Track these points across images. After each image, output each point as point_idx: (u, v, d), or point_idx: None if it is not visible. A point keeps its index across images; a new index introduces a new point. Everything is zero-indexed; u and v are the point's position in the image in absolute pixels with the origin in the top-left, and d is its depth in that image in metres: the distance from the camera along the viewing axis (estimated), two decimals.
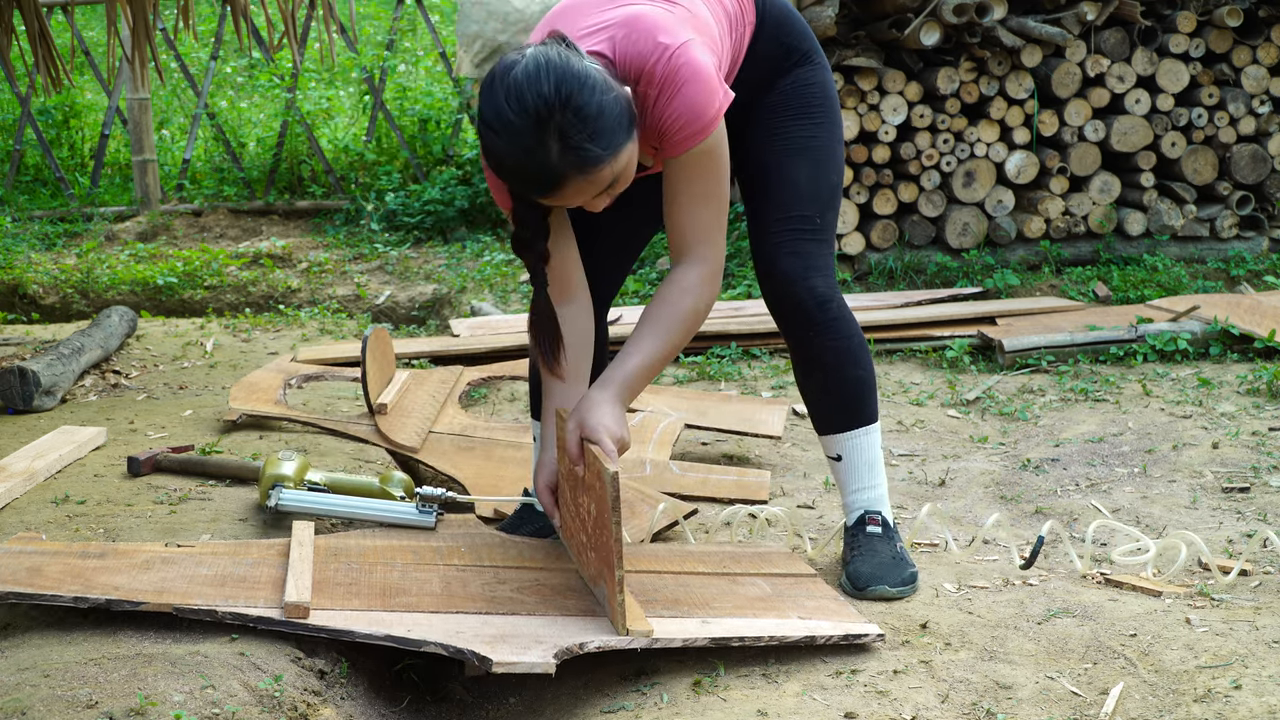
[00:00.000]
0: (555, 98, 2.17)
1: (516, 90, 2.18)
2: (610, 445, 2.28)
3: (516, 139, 2.19)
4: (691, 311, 2.41)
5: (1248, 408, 3.95)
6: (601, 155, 2.21)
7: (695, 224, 2.40)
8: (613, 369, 2.40)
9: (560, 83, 2.18)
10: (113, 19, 4.67)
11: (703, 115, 2.31)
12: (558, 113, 2.17)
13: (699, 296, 2.41)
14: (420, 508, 2.78)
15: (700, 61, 2.30)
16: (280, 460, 2.88)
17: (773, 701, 2.08)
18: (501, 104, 2.19)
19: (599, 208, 2.34)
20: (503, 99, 2.19)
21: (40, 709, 1.91)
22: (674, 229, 2.43)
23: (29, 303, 6.40)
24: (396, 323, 6.16)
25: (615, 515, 2.15)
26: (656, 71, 2.29)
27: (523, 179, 2.24)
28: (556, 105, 2.17)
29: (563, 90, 2.17)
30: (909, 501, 3.28)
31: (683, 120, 2.31)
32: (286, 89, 7.83)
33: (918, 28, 5.38)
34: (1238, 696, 2.05)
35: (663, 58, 2.29)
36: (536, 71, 2.18)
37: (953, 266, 5.66)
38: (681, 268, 2.42)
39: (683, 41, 2.31)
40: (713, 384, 4.51)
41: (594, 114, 2.19)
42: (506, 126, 2.19)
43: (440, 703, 2.44)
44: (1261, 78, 5.70)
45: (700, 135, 2.32)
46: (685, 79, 2.29)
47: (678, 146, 2.34)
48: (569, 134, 2.18)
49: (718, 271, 2.43)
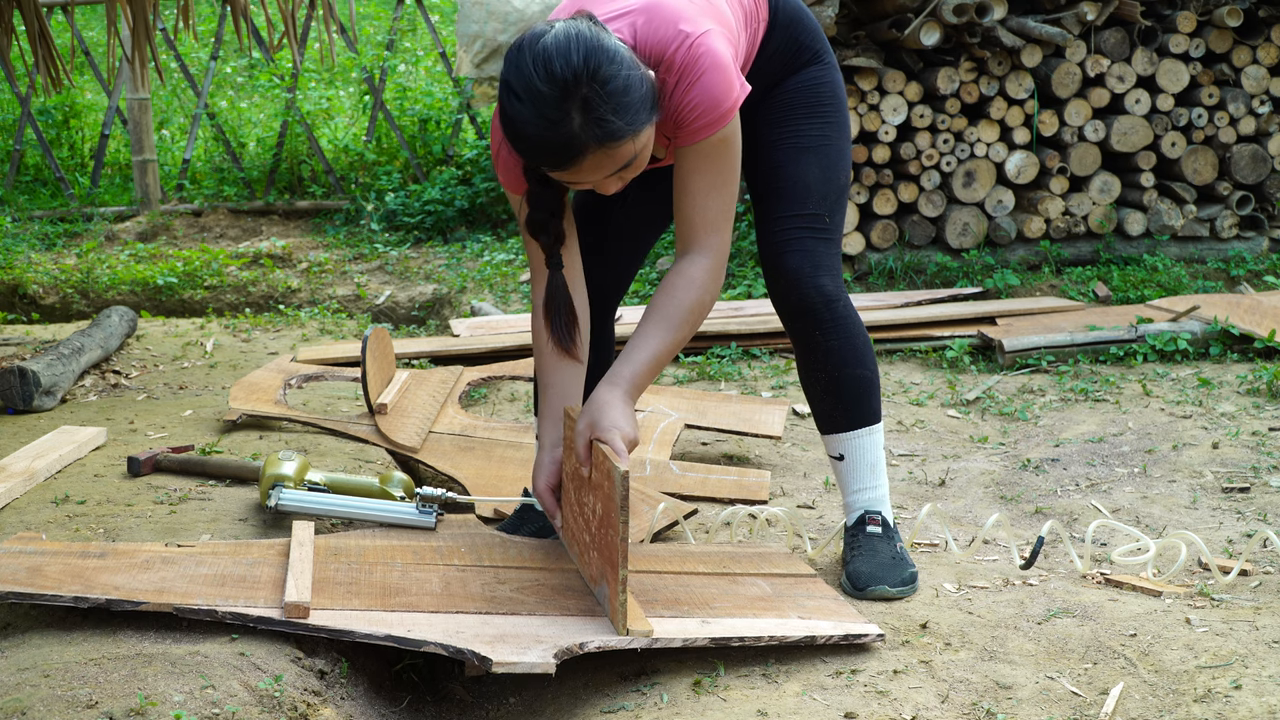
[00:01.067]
0: (584, 68, 2.17)
1: (545, 58, 2.18)
2: (621, 445, 2.28)
3: (541, 107, 2.18)
4: (697, 304, 2.41)
5: (1248, 408, 3.95)
6: (624, 130, 2.20)
7: (704, 214, 2.40)
8: (619, 365, 2.39)
9: (590, 54, 2.18)
10: (113, 19, 4.67)
11: (720, 104, 2.31)
12: (585, 84, 2.17)
13: (704, 289, 2.41)
14: (420, 508, 2.79)
15: (720, 51, 2.31)
16: (280, 460, 2.88)
17: (773, 701, 2.08)
18: (529, 70, 2.18)
19: (610, 190, 2.33)
20: (530, 66, 2.18)
21: (40, 709, 1.91)
22: (682, 218, 2.42)
23: (29, 303, 6.40)
24: (396, 323, 6.16)
25: (623, 515, 2.15)
26: (677, 59, 2.30)
27: (542, 149, 2.23)
28: (585, 76, 2.17)
29: (591, 62, 2.17)
30: (909, 501, 3.28)
31: (701, 109, 2.31)
32: (286, 89, 7.83)
33: (918, 28, 5.38)
34: (1238, 696, 2.05)
35: (683, 45, 2.29)
36: (566, 42, 2.18)
37: (953, 266, 5.66)
38: (687, 259, 2.42)
39: (704, 30, 2.31)
40: (713, 384, 4.51)
41: (620, 88, 2.19)
42: (532, 93, 2.18)
43: (440, 703, 2.44)
44: (1261, 78, 5.70)
45: (717, 124, 2.33)
46: (705, 67, 2.29)
47: (693, 135, 2.34)
48: (594, 105, 2.17)
49: (723, 264, 2.43)
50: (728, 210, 2.41)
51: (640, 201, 2.70)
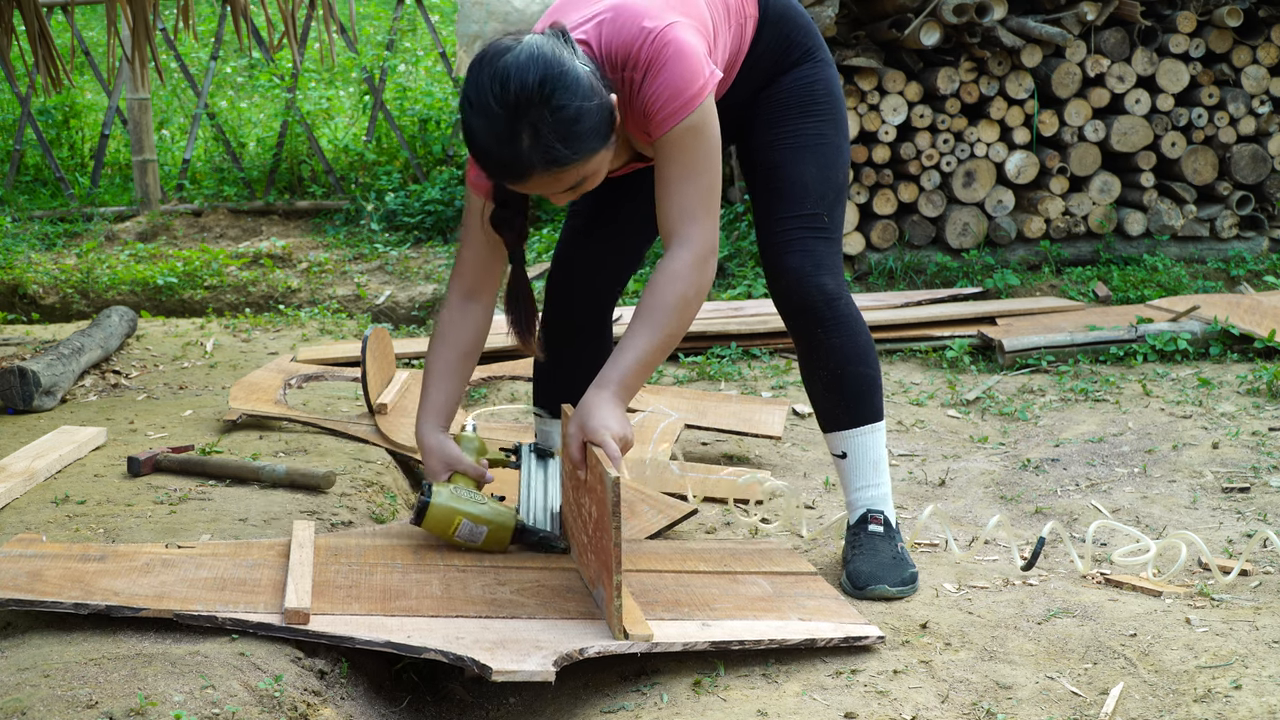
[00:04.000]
0: (537, 93, 2.20)
1: (502, 76, 2.21)
2: (614, 446, 2.28)
3: (492, 123, 2.22)
4: (682, 299, 2.39)
5: (1248, 408, 3.95)
6: (569, 158, 2.24)
7: (680, 203, 2.38)
8: (607, 368, 2.39)
9: (545, 80, 2.20)
10: (113, 19, 4.67)
11: (685, 91, 2.32)
12: (535, 107, 2.20)
13: (689, 282, 2.38)
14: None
15: (685, 40, 2.32)
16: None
17: (773, 702, 2.08)
18: (485, 85, 2.23)
19: (561, 202, 2.38)
20: (487, 81, 2.23)
21: (40, 709, 1.91)
22: (660, 212, 2.42)
23: (29, 303, 6.39)
24: (396, 323, 6.16)
25: (615, 520, 2.15)
26: (641, 54, 2.32)
27: (492, 163, 2.28)
28: (537, 99, 2.20)
29: (545, 88, 2.20)
30: (909, 501, 3.28)
31: (664, 97, 2.32)
32: (286, 89, 7.83)
33: (918, 28, 5.38)
34: (1238, 696, 2.05)
35: (647, 40, 2.32)
36: (527, 62, 2.21)
37: (953, 266, 5.66)
38: (669, 253, 2.41)
39: (668, 23, 2.33)
40: (713, 384, 4.51)
41: (570, 118, 2.22)
42: (484, 109, 2.22)
43: (440, 703, 2.44)
44: (1261, 78, 5.70)
45: (683, 112, 2.33)
46: (669, 57, 2.32)
47: (662, 125, 2.35)
48: (541, 132, 2.21)
49: (708, 255, 2.40)
50: (705, 200, 2.39)
51: (633, 203, 2.71)
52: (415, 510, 2.56)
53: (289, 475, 3.08)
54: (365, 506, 3.07)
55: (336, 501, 3.02)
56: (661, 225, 2.43)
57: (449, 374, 2.61)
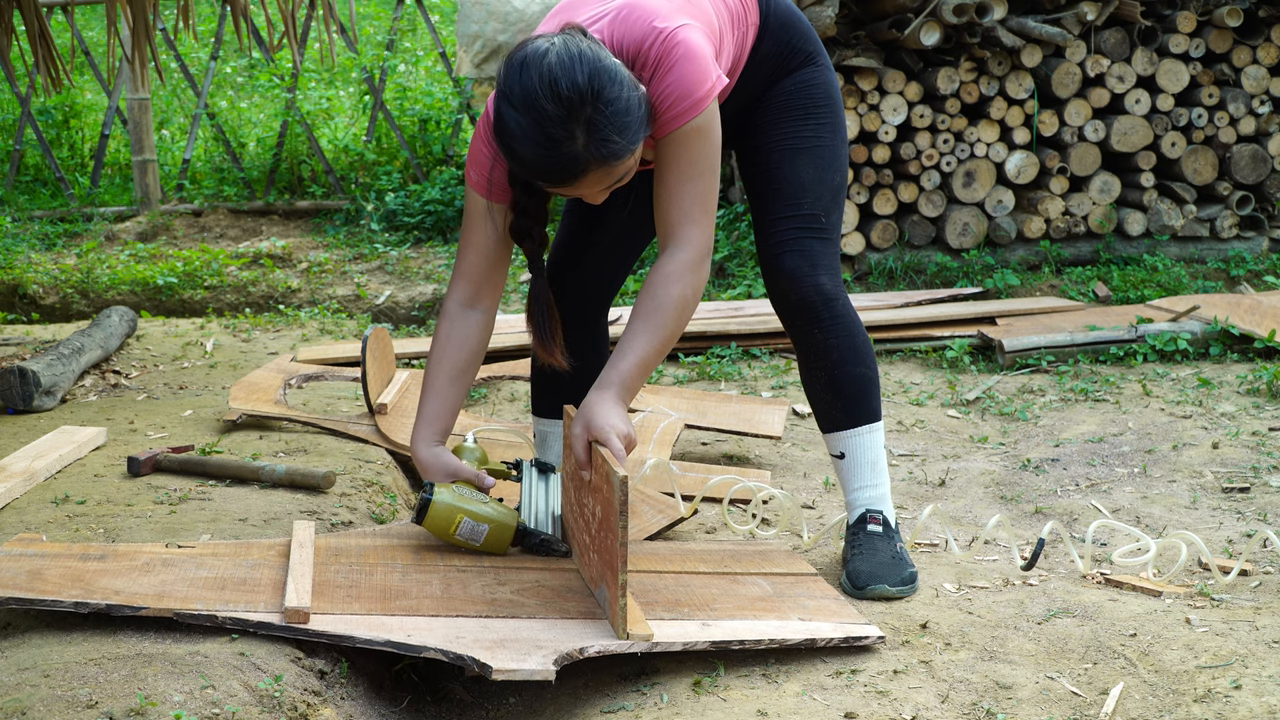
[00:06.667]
0: (589, 89, 2.21)
1: (551, 77, 2.21)
2: (619, 445, 2.29)
3: (546, 126, 2.22)
4: (679, 299, 2.40)
5: (1248, 408, 3.95)
6: (625, 149, 2.26)
7: (680, 204, 2.40)
8: (607, 370, 2.40)
9: (594, 75, 2.22)
10: (113, 19, 4.67)
11: (693, 92, 2.33)
12: (589, 104, 2.21)
13: (685, 283, 2.40)
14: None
15: (694, 42, 2.34)
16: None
17: (773, 701, 2.08)
18: (534, 89, 2.22)
19: (598, 200, 2.39)
20: (536, 84, 2.22)
21: (40, 709, 1.91)
22: (659, 212, 2.44)
23: (29, 303, 6.39)
24: (396, 323, 6.16)
25: (622, 520, 2.15)
26: (651, 53, 2.33)
27: (541, 165, 2.27)
28: (589, 96, 2.21)
29: (595, 83, 2.22)
30: (909, 501, 3.28)
31: (673, 97, 2.33)
32: (286, 89, 7.83)
33: (918, 28, 5.38)
34: (1238, 696, 2.05)
35: (657, 40, 2.33)
36: (571, 62, 2.22)
37: (953, 266, 5.66)
38: (666, 254, 2.43)
39: (679, 25, 2.35)
40: (713, 384, 4.51)
41: (622, 109, 2.24)
42: (536, 112, 2.22)
43: (440, 703, 2.44)
44: (1261, 78, 5.70)
45: (690, 113, 2.34)
46: (679, 58, 2.33)
47: (667, 125, 2.36)
48: (597, 126, 2.22)
49: (704, 256, 2.42)
50: (704, 202, 2.41)
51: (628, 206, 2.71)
52: (417, 508, 2.56)
53: (289, 475, 3.08)
54: (365, 506, 3.07)
55: (336, 501, 3.02)
56: (659, 225, 2.44)
57: (446, 389, 2.59)
